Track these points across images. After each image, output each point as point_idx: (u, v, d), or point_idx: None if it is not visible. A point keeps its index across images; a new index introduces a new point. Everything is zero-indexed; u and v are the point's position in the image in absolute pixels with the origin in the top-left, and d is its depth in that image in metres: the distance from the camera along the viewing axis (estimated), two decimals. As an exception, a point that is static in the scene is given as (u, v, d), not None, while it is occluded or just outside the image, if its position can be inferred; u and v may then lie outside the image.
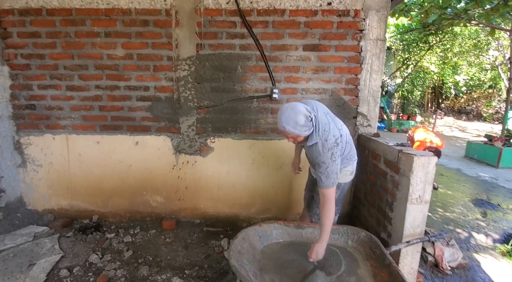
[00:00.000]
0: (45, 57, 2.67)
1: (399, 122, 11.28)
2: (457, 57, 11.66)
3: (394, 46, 11.91)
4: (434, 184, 4.21)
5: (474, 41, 10.80)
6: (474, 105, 17.38)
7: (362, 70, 2.59)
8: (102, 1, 2.56)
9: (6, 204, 2.73)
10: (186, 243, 2.55)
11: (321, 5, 2.51)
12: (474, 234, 3.03)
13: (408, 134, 4.69)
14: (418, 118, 12.33)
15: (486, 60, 12.32)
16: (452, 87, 16.25)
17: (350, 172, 1.97)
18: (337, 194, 1.90)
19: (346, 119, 2.68)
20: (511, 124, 7.84)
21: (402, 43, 11.19)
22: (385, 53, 2.60)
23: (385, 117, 11.83)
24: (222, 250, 2.43)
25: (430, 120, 13.01)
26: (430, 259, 2.44)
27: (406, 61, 12.09)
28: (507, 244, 2.86)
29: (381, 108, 11.55)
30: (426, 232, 1.87)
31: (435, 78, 14.56)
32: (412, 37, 9.84)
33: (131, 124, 2.77)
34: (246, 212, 2.89)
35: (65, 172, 2.84)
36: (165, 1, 2.54)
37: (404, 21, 8.11)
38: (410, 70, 12.15)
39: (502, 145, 6.31)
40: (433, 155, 1.80)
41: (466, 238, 2.97)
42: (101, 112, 2.75)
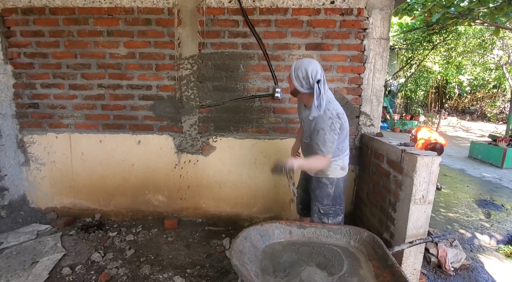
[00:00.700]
0: (48, 56, 2.68)
1: (402, 122, 11.22)
2: (461, 56, 11.55)
3: (397, 46, 11.83)
4: (438, 184, 4.17)
5: (478, 40, 10.69)
6: (478, 105, 17.23)
7: (365, 70, 2.58)
8: (105, 0, 2.56)
9: (10, 202, 2.74)
10: (188, 242, 2.55)
11: (324, 4, 2.50)
12: (478, 234, 3.00)
13: (411, 134, 4.66)
14: (421, 118, 12.25)
15: (491, 59, 12.20)
16: (456, 87, 16.13)
17: (340, 166, 1.92)
18: (331, 190, 1.92)
19: (349, 119, 2.65)
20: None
21: (405, 43, 11.11)
22: (388, 52, 2.58)
23: (388, 117, 11.78)
24: (224, 249, 2.43)
25: (433, 120, 12.91)
26: (433, 259, 2.42)
27: (409, 61, 12.00)
28: (511, 245, 2.83)
29: (384, 108, 11.52)
30: (429, 233, 1.86)
31: (439, 78, 14.46)
32: (415, 36, 9.76)
33: (134, 123, 2.77)
34: (248, 211, 2.89)
35: (67, 171, 2.85)
36: (167, 0, 2.54)
37: (407, 20, 8.04)
38: (413, 70, 12.06)
39: (507, 145, 6.25)
40: (436, 153, 1.79)
41: (470, 238, 2.94)
42: (103, 111, 2.76)
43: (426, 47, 10.41)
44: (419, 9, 5.40)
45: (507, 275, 2.43)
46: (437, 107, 16.51)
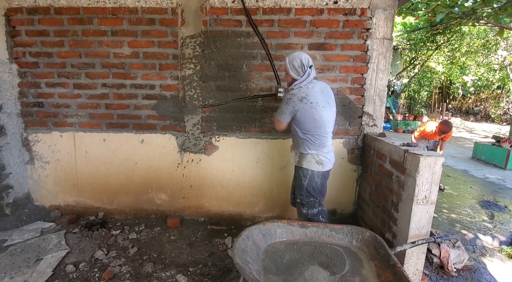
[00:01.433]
0: (53, 56, 2.70)
1: (405, 123, 11.18)
2: (465, 57, 11.48)
3: (401, 46, 11.79)
4: (441, 185, 4.17)
5: (482, 41, 10.62)
6: (482, 106, 17.12)
7: (368, 70, 2.57)
8: (109, 0, 2.58)
9: (14, 200, 2.77)
10: (190, 240, 2.56)
11: (327, 4, 2.50)
12: (481, 235, 2.99)
13: (413, 135, 4.67)
14: (425, 119, 12.19)
15: (495, 60, 12.12)
16: (459, 88, 16.04)
17: (315, 160, 2.03)
18: (305, 182, 2.05)
19: (351, 119, 2.67)
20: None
21: (409, 43, 11.07)
22: (391, 52, 2.58)
23: (391, 117, 11.73)
24: (226, 248, 2.44)
25: (437, 120, 12.86)
26: (436, 260, 2.42)
27: (413, 61, 11.95)
28: (515, 247, 2.82)
29: (387, 108, 11.47)
30: (431, 233, 1.86)
31: (442, 79, 14.38)
32: (419, 36, 9.72)
33: (137, 122, 2.79)
34: (250, 210, 2.89)
35: (71, 169, 2.88)
36: (171, 0, 2.56)
37: (411, 20, 8.00)
38: (417, 70, 12.01)
39: (510, 146, 6.22)
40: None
41: (472, 239, 2.93)
42: (107, 110, 2.78)
43: (430, 48, 10.37)
44: (423, 9, 5.38)
45: (510, 276, 2.42)
46: (440, 108, 16.43)
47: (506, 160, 6.06)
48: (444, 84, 15.96)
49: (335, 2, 2.49)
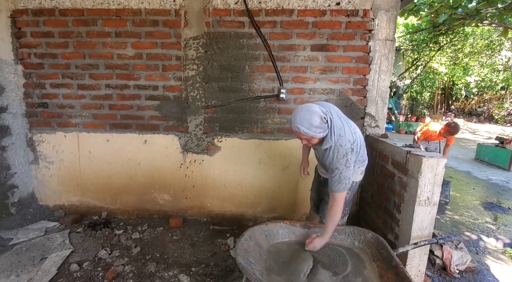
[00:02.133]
0: (57, 57, 2.73)
1: (408, 124, 11.14)
2: (468, 58, 11.43)
3: (403, 47, 11.76)
4: (443, 199, 4.02)
5: (486, 41, 10.57)
6: (485, 107, 17.01)
7: (370, 71, 2.58)
8: (113, 1, 2.60)
9: (19, 200, 2.80)
10: (193, 241, 2.57)
11: (329, 5, 2.51)
12: (484, 237, 2.98)
13: (416, 134, 4.58)
14: (427, 120, 12.14)
15: (499, 61, 12.06)
16: (462, 89, 15.95)
17: (361, 171, 1.95)
18: (348, 195, 1.88)
19: (354, 120, 2.64)
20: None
21: (411, 44, 11.04)
22: (394, 53, 2.58)
23: (393, 118, 11.70)
24: (228, 248, 2.45)
25: (440, 122, 12.80)
26: (438, 262, 2.41)
27: (415, 62, 11.91)
28: (518, 249, 2.80)
29: (389, 109, 11.44)
30: (434, 234, 1.85)
31: (445, 80, 14.32)
32: (421, 37, 9.69)
33: (140, 123, 2.81)
34: (252, 211, 2.90)
35: (75, 169, 2.90)
36: (174, 1, 2.58)
37: (413, 21, 7.98)
38: (419, 71, 11.97)
39: (514, 148, 6.18)
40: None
41: (475, 241, 2.92)
42: (111, 111, 2.80)
43: (432, 48, 10.33)
44: (426, 9, 5.37)
45: (513, 278, 2.42)
46: (443, 109, 16.35)
47: (510, 161, 6.03)
48: (446, 85, 15.88)
49: (338, 4, 2.50)
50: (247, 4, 2.52)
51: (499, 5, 4.60)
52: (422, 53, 11.01)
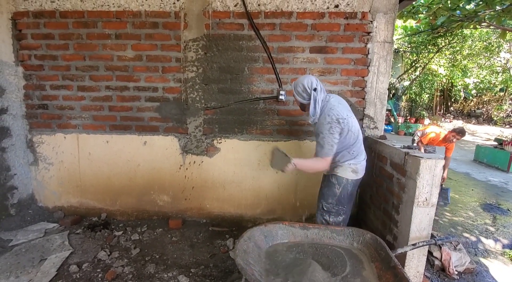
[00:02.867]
0: (57, 58, 2.74)
1: (407, 125, 11.17)
2: (466, 59, 11.48)
3: (402, 48, 11.80)
4: (442, 202, 4.00)
5: (484, 43, 10.62)
6: (484, 109, 17.06)
7: (369, 73, 2.59)
8: (113, 3, 2.62)
9: (19, 201, 2.80)
10: (192, 242, 2.58)
11: (328, 8, 2.52)
12: (483, 238, 2.99)
13: (415, 135, 4.57)
14: (426, 121, 12.17)
15: (497, 62, 12.11)
16: (461, 90, 16.00)
17: (352, 169, 1.99)
18: (338, 190, 2.00)
19: (352, 121, 2.68)
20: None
21: (410, 45, 11.08)
22: (392, 55, 2.59)
23: (392, 120, 11.73)
24: (228, 249, 2.46)
25: (438, 123, 12.83)
26: (437, 263, 2.42)
27: (414, 64, 11.96)
28: (517, 250, 2.81)
29: (388, 111, 11.46)
30: (432, 235, 1.86)
31: (444, 81, 14.36)
32: (420, 39, 9.73)
33: (140, 124, 2.82)
34: (251, 212, 2.91)
35: (75, 170, 2.91)
36: (174, 3, 2.59)
37: (412, 23, 8.02)
38: (418, 73, 12.02)
39: (513, 149, 6.20)
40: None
41: (474, 242, 2.93)
42: (110, 112, 2.81)
43: (431, 50, 10.37)
44: (424, 12, 5.39)
45: (512, 279, 2.42)
46: (442, 111, 16.39)
47: (509, 163, 6.05)
48: (445, 87, 15.93)
49: (336, 6, 2.52)
50: (247, 6, 2.54)
51: (498, 7, 4.63)
52: (421, 55, 11.05)
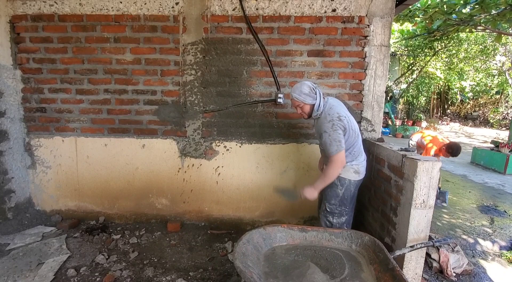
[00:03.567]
0: (56, 62, 2.75)
1: (404, 128, 11.22)
2: (463, 62, 11.60)
3: (399, 52, 11.91)
4: (442, 203, 3.99)
5: (480, 46, 10.73)
6: (481, 111, 17.20)
7: (366, 76, 2.62)
8: (112, 7, 2.63)
9: (16, 204, 2.79)
10: (191, 245, 2.57)
11: (325, 12, 2.55)
12: (480, 240, 3.00)
13: (411, 139, 4.59)
14: (423, 124, 12.25)
15: (493, 65, 12.23)
16: (458, 93, 16.14)
17: (354, 170, 2.02)
18: (340, 191, 2.01)
19: (350, 124, 2.70)
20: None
21: (407, 49, 11.18)
22: (389, 59, 2.62)
23: (389, 122, 11.79)
24: (226, 252, 2.45)
25: (435, 125, 12.91)
26: (435, 265, 2.43)
27: (411, 67, 12.06)
28: (514, 251, 2.82)
29: (386, 113, 11.52)
30: (430, 237, 1.87)
31: (441, 84, 14.49)
32: (417, 42, 9.83)
33: (138, 127, 2.82)
34: (250, 215, 2.91)
35: (73, 174, 2.90)
36: (173, 7, 2.61)
37: (408, 27, 8.11)
38: (415, 76, 12.11)
39: (509, 151, 6.24)
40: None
41: (472, 244, 2.94)
42: (109, 115, 2.81)
43: (428, 54, 10.47)
44: (420, 15, 5.46)
45: (510, 281, 2.43)
46: (439, 113, 16.50)
47: (505, 165, 6.08)
48: (442, 89, 16.06)
49: (334, 10, 2.55)
50: (245, 10, 2.56)
51: (493, 11, 4.69)
52: (418, 58, 11.15)
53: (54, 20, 2.68)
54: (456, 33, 7.40)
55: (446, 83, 14.15)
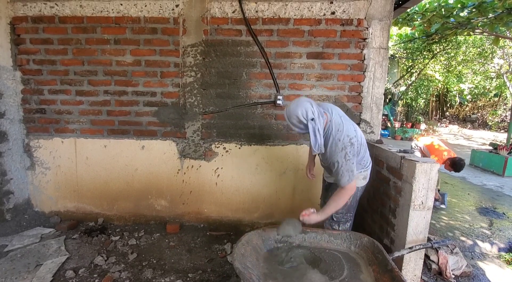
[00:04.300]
0: (56, 63, 2.76)
1: (403, 130, 11.25)
2: (461, 65, 11.66)
3: (398, 54, 11.96)
4: (441, 205, 3.97)
5: (478, 49, 10.79)
6: (479, 114, 17.27)
7: (365, 78, 2.63)
8: (112, 9, 2.65)
9: (14, 206, 2.78)
10: (190, 246, 2.57)
11: (324, 15, 2.57)
12: (479, 242, 3.00)
13: (413, 142, 4.59)
14: (422, 126, 12.28)
15: (491, 68, 12.30)
16: (456, 96, 16.21)
17: (363, 176, 1.98)
18: (349, 200, 1.89)
19: (349, 126, 2.71)
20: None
21: (405, 51, 11.24)
22: (388, 61, 2.64)
23: (389, 125, 11.82)
24: (225, 254, 2.45)
25: (434, 128, 12.95)
26: (434, 266, 2.43)
27: (410, 69, 12.11)
28: (513, 253, 2.83)
29: (385, 116, 11.54)
30: (429, 239, 1.88)
31: (440, 86, 14.55)
32: (415, 45, 9.88)
33: (138, 128, 2.82)
34: (249, 216, 2.91)
35: (72, 175, 2.90)
36: (173, 9, 2.63)
37: (407, 30, 8.16)
38: (414, 78, 12.16)
39: (508, 154, 6.26)
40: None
41: (471, 246, 2.94)
42: (109, 116, 2.82)
43: (426, 56, 10.52)
44: (419, 19, 5.49)
45: (508, 283, 2.44)
46: (438, 116, 16.54)
47: (504, 167, 6.10)
48: (441, 92, 16.13)
49: (333, 13, 2.57)
50: (245, 13, 2.57)
51: (490, 15, 4.73)
52: (416, 61, 11.20)
53: (54, 21, 2.69)
54: (454, 36, 7.45)
55: (445, 86, 14.21)
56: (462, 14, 5.07)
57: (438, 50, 10.06)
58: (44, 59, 2.76)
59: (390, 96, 12.20)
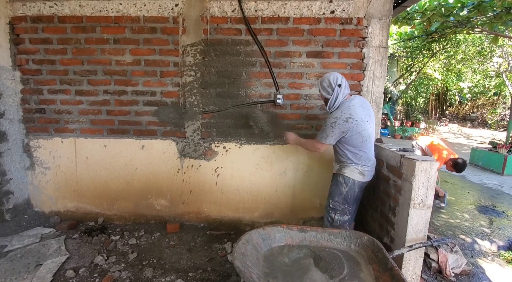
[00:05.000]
0: (55, 63, 2.75)
1: (403, 129, 11.25)
2: (460, 64, 11.66)
3: (397, 53, 11.96)
4: (441, 204, 3.95)
5: (477, 48, 10.79)
6: (479, 112, 17.28)
7: (364, 77, 2.63)
8: (112, 9, 2.64)
9: (14, 206, 2.78)
10: (190, 246, 2.57)
11: (324, 13, 2.57)
12: (479, 240, 3.01)
13: (415, 141, 4.56)
14: (422, 125, 12.28)
15: (491, 67, 12.30)
16: (456, 94, 16.22)
17: (359, 170, 2.06)
18: (344, 189, 2.07)
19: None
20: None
21: (405, 50, 11.24)
22: (387, 60, 2.64)
23: (388, 123, 11.82)
24: (226, 253, 2.45)
25: (434, 126, 12.95)
26: (434, 265, 2.44)
27: (409, 68, 12.11)
28: (512, 251, 2.83)
29: (385, 115, 11.55)
30: (429, 237, 1.88)
31: (439, 85, 14.56)
32: (415, 44, 9.88)
33: (138, 128, 2.82)
34: (249, 216, 2.91)
35: (72, 175, 2.90)
36: (172, 9, 2.62)
37: (407, 29, 8.16)
38: (413, 77, 12.16)
39: (507, 152, 6.27)
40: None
41: (470, 244, 2.95)
42: (108, 116, 2.82)
43: (426, 55, 10.52)
44: (418, 18, 5.49)
45: (508, 281, 2.44)
46: (437, 114, 16.55)
47: (503, 166, 6.11)
48: (440, 91, 16.14)
49: (332, 12, 2.56)
50: (244, 12, 2.57)
51: (490, 14, 4.73)
52: (416, 59, 11.20)
53: (53, 21, 2.69)
54: (453, 35, 7.45)
55: (445, 85, 14.21)
56: (461, 13, 5.06)
57: (437, 49, 10.07)
58: (43, 59, 2.75)
59: (389, 95, 12.20)
